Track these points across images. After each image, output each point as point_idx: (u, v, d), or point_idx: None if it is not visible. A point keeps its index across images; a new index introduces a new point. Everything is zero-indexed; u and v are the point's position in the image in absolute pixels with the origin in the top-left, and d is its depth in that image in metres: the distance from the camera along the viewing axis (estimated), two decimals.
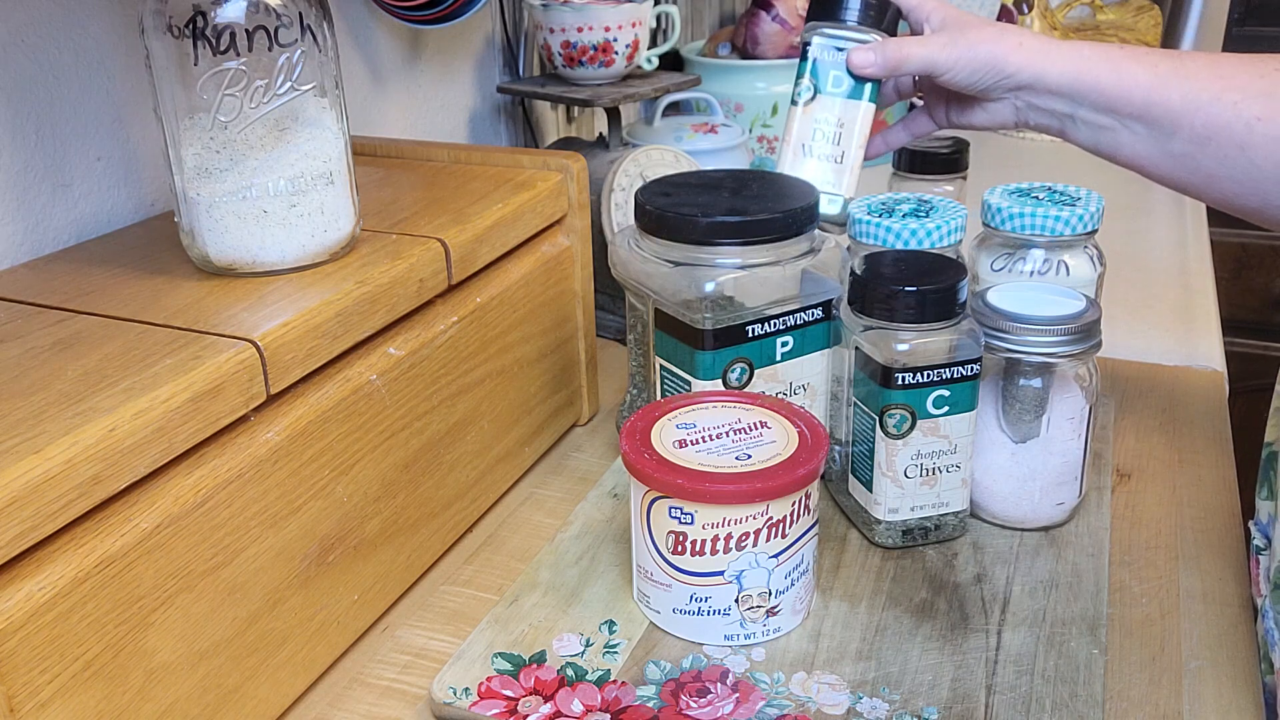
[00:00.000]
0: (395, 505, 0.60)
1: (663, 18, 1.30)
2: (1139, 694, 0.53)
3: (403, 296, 0.59)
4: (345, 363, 0.56)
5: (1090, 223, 0.70)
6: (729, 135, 1.07)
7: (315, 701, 0.55)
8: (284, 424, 0.51)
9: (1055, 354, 0.61)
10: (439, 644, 0.58)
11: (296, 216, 0.57)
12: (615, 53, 0.94)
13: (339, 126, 0.59)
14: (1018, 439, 0.63)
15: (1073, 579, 0.60)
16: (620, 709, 0.51)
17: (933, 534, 0.63)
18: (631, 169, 0.91)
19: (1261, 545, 0.55)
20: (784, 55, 1.24)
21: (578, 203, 0.75)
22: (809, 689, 0.52)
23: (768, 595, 0.55)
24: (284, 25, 0.54)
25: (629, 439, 0.56)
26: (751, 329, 0.64)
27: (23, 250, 0.65)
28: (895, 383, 0.59)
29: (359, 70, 0.92)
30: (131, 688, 0.44)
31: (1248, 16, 1.96)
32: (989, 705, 0.51)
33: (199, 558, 0.47)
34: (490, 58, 1.10)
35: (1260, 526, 0.56)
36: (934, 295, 0.59)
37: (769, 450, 0.55)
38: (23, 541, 0.40)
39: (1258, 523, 0.57)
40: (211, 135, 0.55)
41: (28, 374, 0.47)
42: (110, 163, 0.69)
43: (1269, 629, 0.52)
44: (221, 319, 0.52)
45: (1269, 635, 0.52)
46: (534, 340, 0.72)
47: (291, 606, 0.53)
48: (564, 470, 0.75)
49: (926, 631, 0.56)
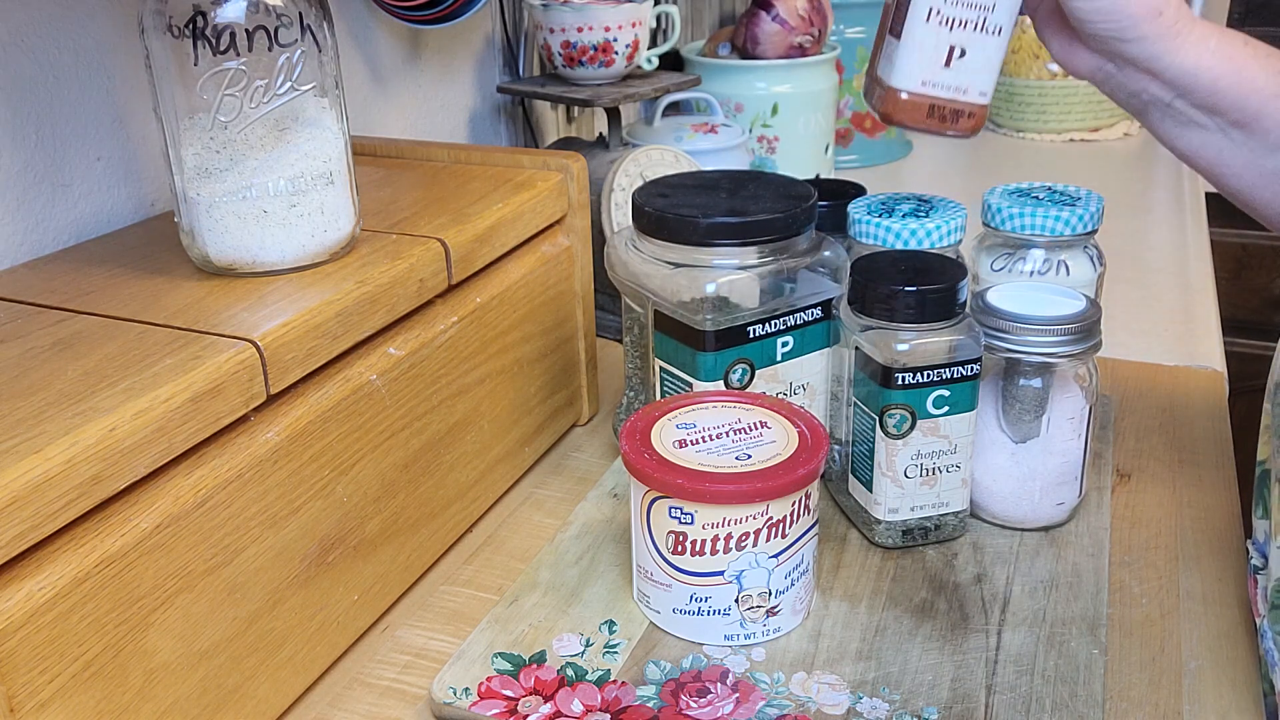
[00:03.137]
0: (395, 505, 0.60)
1: (663, 18, 1.30)
2: (1139, 694, 0.53)
3: (403, 296, 0.59)
4: (345, 363, 0.56)
5: (1090, 223, 0.70)
6: (729, 135, 1.07)
7: (315, 701, 0.55)
8: (284, 424, 0.51)
9: (1055, 354, 0.61)
10: (439, 644, 0.58)
11: (296, 216, 0.57)
12: (615, 53, 0.94)
13: (339, 126, 0.59)
14: (1018, 439, 0.63)
15: (1073, 579, 0.60)
16: (620, 709, 0.51)
17: (933, 534, 0.63)
18: (631, 169, 0.91)
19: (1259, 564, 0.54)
20: (784, 55, 1.24)
21: (578, 203, 0.75)
22: (809, 689, 0.52)
23: (768, 595, 0.55)
24: (284, 25, 0.54)
25: (629, 439, 0.56)
26: (753, 329, 0.64)
27: (23, 250, 0.65)
28: (895, 383, 0.59)
29: (359, 70, 0.92)
30: (131, 688, 0.44)
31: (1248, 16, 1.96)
32: (989, 705, 0.51)
33: (199, 558, 0.47)
34: (490, 58, 1.10)
35: (1257, 545, 0.56)
36: (934, 295, 0.59)
37: (769, 450, 0.55)
38: (23, 541, 0.40)
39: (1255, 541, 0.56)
40: (211, 135, 0.55)
41: (28, 374, 0.47)
42: (110, 163, 0.69)
43: (1268, 649, 0.51)
44: (221, 319, 0.52)
45: (1269, 655, 0.51)
46: (534, 340, 0.72)
47: (291, 606, 0.53)
48: (564, 470, 0.75)
49: (926, 631, 0.56)
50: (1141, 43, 0.59)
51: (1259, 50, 0.60)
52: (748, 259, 0.63)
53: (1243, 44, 0.60)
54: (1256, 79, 0.59)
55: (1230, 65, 0.59)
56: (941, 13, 0.61)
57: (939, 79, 0.62)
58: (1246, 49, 0.60)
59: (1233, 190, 0.63)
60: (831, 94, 1.27)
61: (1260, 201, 0.62)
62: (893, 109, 0.64)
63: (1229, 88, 0.59)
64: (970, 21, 0.61)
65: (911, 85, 0.63)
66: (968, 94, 0.62)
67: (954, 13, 0.61)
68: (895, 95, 0.63)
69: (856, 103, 1.41)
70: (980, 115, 0.63)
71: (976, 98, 0.63)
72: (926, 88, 0.62)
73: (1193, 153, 0.63)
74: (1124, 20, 0.58)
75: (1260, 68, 0.59)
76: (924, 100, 0.63)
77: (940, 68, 0.62)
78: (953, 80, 0.62)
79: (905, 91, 0.63)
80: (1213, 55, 0.59)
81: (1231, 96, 0.59)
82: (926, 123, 0.64)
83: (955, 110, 0.63)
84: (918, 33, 0.61)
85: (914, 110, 0.63)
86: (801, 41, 1.24)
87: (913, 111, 0.63)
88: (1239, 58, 0.59)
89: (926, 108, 0.63)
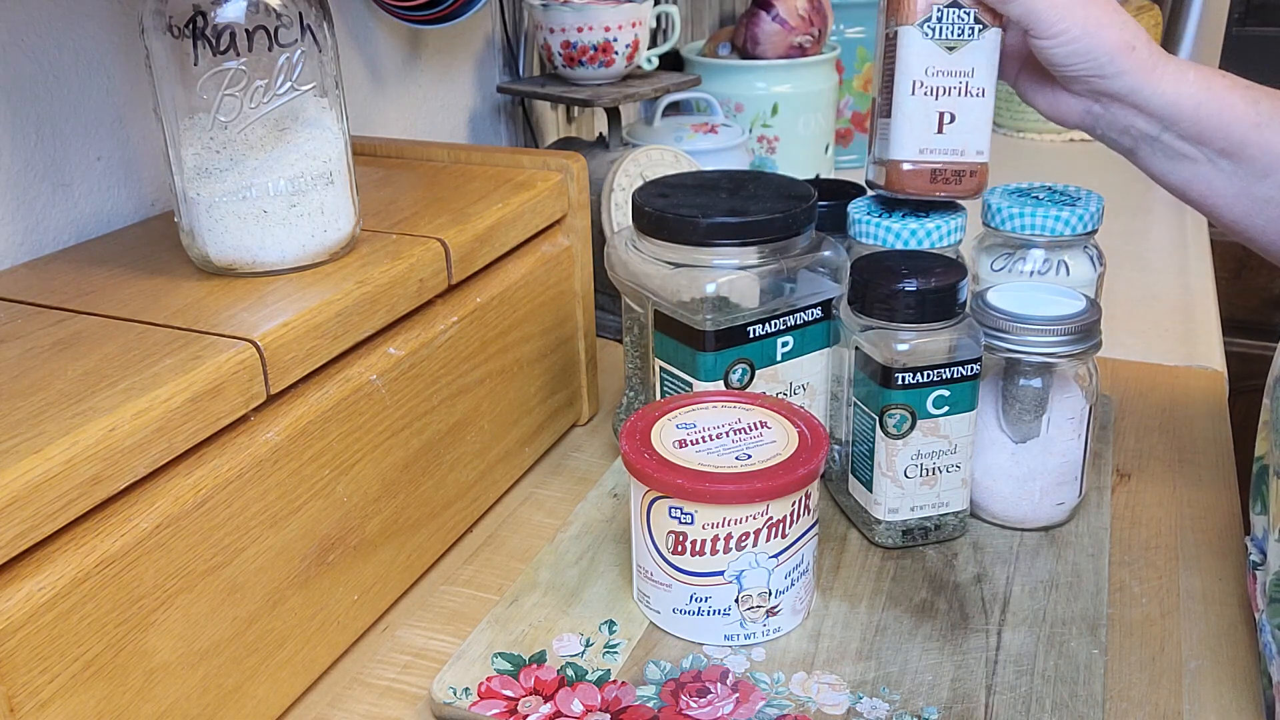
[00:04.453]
0: (395, 505, 0.60)
1: (663, 18, 1.30)
2: (1139, 694, 0.53)
3: (403, 296, 0.59)
4: (345, 363, 0.56)
5: (1090, 223, 0.70)
6: (729, 135, 1.07)
7: (315, 701, 0.55)
8: (284, 424, 0.51)
9: (1055, 354, 0.61)
10: (439, 644, 0.58)
11: (296, 216, 0.57)
12: (615, 53, 0.94)
13: (339, 126, 0.59)
14: (1018, 439, 0.63)
15: (1073, 579, 0.60)
16: (620, 709, 0.51)
17: (933, 534, 0.63)
18: (631, 169, 0.91)
19: (1258, 560, 0.55)
20: (784, 55, 1.24)
21: (578, 203, 0.75)
22: (809, 689, 0.52)
23: (768, 595, 0.55)
24: (284, 25, 0.54)
25: (629, 439, 0.56)
26: (753, 329, 0.64)
27: (23, 250, 0.65)
28: (895, 383, 0.59)
29: (359, 70, 0.92)
30: (131, 688, 0.44)
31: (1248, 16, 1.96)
32: (989, 705, 0.51)
33: (199, 558, 0.47)
34: (490, 58, 1.10)
35: (1256, 541, 0.56)
36: (934, 295, 0.59)
37: (769, 450, 0.55)
38: (23, 541, 0.40)
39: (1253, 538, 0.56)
40: (211, 135, 0.55)
41: (28, 374, 0.47)
42: (110, 163, 0.69)
43: (1266, 643, 0.52)
44: (221, 319, 0.52)
45: (1267, 649, 0.52)
46: (534, 340, 0.72)
47: (291, 606, 0.53)
48: (564, 470, 0.75)
49: (926, 631, 0.56)
50: (1121, 77, 0.61)
51: (1237, 82, 0.62)
52: (748, 259, 0.63)
53: (1220, 76, 0.62)
54: (1238, 107, 0.61)
55: (1210, 94, 0.61)
56: (925, 84, 0.65)
57: (935, 144, 0.66)
58: (1225, 80, 0.62)
59: (1227, 222, 0.65)
60: (831, 94, 1.27)
61: (1255, 229, 0.64)
62: (897, 180, 0.67)
63: (1211, 114, 0.61)
64: (953, 89, 0.65)
65: (910, 155, 0.66)
66: (965, 154, 0.66)
67: (936, 83, 0.65)
68: (898, 167, 0.67)
69: (856, 102, 1.41)
70: (982, 173, 0.67)
71: (974, 156, 0.66)
72: (925, 154, 0.66)
73: (1185, 186, 0.64)
74: (1100, 57, 0.61)
75: (1241, 97, 0.61)
76: (925, 167, 0.67)
77: (934, 134, 0.66)
78: (948, 144, 0.66)
79: (906, 162, 0.67)
80: (1192, 85, 0.61)
81: (1215, 124, 0.61)
82: (932, 187, 0.67)
83: (956, 171, 0.66)
84: (906, 107, 0.66)
85: (917, 178, 0.67)
86: (801, 41, 1.24)
87: (916, 179, 0.67)
88: (1218, 88, 0.61)
89: (929, 173, 0.67)
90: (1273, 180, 0.62)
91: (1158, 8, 1.69)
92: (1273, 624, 0.51)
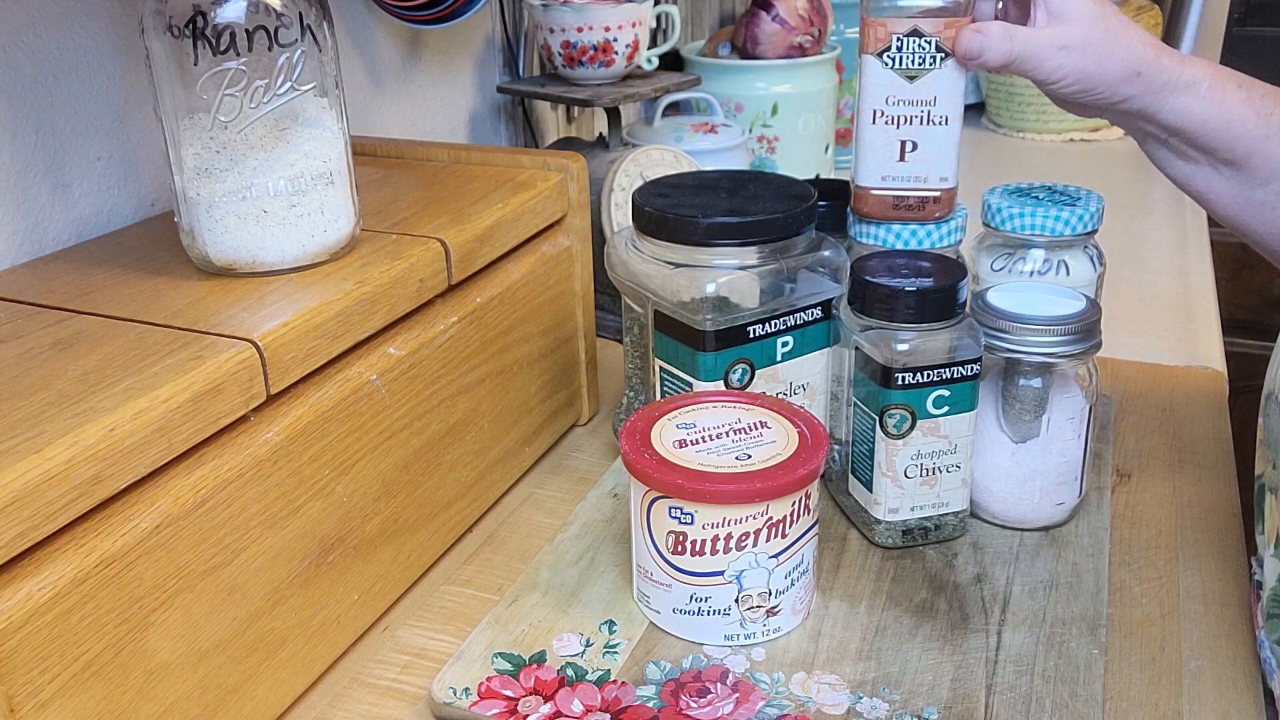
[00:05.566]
0: (395, 505, 0.60)
1: (663, 18, 1.30)
2: (1139, 694, 0.53)
3: (403, 296, 0.59)
4: (345, 363, 0.56)
5: (1090, 223, 0.70)
6: (729, 135, 1.07)
7: (315, 701, 0.55)
8: (284, 424, 0.51)
9: (1055, 354, 0.61)
10: (439, 644, 0.58)
11: (296, 216, 0.57)
12: (615, 53, 0.94)
13: (339, 126, 0.59)
14: (1018, 439, 0.63)
15: (1073, 579, 0.60)
16: (620, 709, 0.51)
17: (933, 534, 0.63)
18: (631, 169, 0.91)
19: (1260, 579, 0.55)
20: (784, 55, 1.24)
21: (578, 203, 0.75)
22: (809, 689, 0.52)
23: (768, 595, 0.55)
24: (284, 25, 0.54)
25: (629, 439, 0.56)
26: (753, 329, 0.64)
27: (23, 250, 0.65)
28: (895, 383, 0.59)
29: (359, 70, 0.92)
30: (131, 688, 0.44)
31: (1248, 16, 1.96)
32: (989, 705, 0.51)
33: (199, 558, 0.47)
34: (490, 58, 1.10)
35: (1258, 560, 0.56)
36: (934, 295, 0.59)
37: (769, 450, 0.55)
38: (23, 541, 0.40)
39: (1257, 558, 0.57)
40: (211, 135, 0.55)
41: (28, 374, 0.47)
42: (110, 163, 0.69)
43: (1266, 658, 0.52)
44: (221, 319, 0.52)
45: (1266, 665, 0.52)
46: (534, 340, 0.72)
47: (291, 606, 0.53)
48: (564, 470, 0.75)
49: (926, 631, 0.56)
50: (1130, 100, 0.62)
51: (1252, 91, 0.62)
52: (748, 259, 0.63)
53: (1235, 86, 0.62)
54: (1247, 121, 0.61)
55: (1220, 109, 0.61)
56: (885, 114, 0.66)
57: (897, 172, 0.67)
58: (1239, 91, 0.62)
59: (1221, 216, 0.66)
60: (831, 94, 1.27)
61: (1248, 227, 0.65)
62: (862, 206, 0.69)
63: (1219, 130, 0.62)
64: (914, 117, 0.66)
65: (873, 182, 0.68)
66: (928, 181, 0.67)
67: (897, 111, 0.66)
68: (864, 193, 0.69)
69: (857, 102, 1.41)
70: (947, 198, 0.68)
71: (938, 183, 0.67)
72: (887, 182, 0.68)
73: (1184, 179, 0.66)
74: (1105, 90, 0.62)
75: (1252, 110, 0.61)
76: (888, 194, 0.68)
77: (895, 162, 0.67)
78: (910, 171, 0.67)
79: (871, 189, 0.68)
80: (1202, 101, 0.61)
81: (1222, 138, 0.62)
82: (895, 214, 0.69)
83: (920, 198, 0.68)
84: (868, 135, 0.67)
85: (880, 205, 0.68)
86: (801, 41, 1.24)
87: (879, 206, 0.69)
88: (1230, 101, 0.61)
89: (891, 201, 0.68)
90: (1272, 188, 0.63)
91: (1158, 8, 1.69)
92: (1271, 639, 0.51)
